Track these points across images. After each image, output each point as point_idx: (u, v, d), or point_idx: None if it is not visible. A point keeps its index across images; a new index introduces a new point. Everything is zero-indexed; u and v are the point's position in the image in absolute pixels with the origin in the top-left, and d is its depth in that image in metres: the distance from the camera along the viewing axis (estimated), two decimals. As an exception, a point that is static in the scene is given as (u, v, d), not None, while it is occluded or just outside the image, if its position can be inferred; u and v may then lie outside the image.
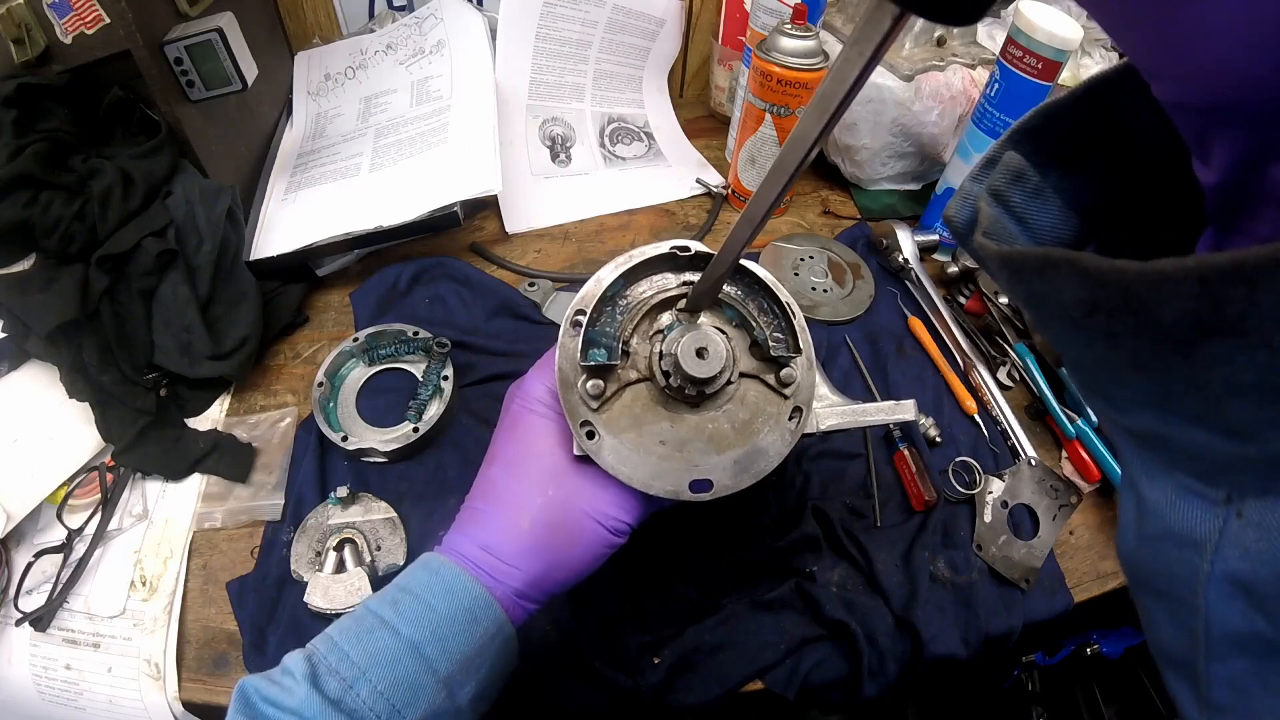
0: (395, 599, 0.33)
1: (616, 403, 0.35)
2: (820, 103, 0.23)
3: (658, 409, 0.35)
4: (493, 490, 0.37)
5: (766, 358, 0.36)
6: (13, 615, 0.47)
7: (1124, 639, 0.70)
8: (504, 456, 0.37)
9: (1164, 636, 0.21)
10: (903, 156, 0.79)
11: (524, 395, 0.38)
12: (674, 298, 0.36)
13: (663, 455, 0.34)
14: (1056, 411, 0.59)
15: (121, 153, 0.58)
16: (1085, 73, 0.77)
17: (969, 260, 0.68)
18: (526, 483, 0.36)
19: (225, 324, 0.58)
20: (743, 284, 0.37)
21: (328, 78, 0.83)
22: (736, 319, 0.37)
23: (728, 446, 0.35)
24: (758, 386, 0.36)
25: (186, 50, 0.58)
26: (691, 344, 0.34)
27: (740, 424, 0.36)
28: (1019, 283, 0.19)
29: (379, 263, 0.70)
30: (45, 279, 0.53)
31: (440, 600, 0.32)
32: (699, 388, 0.34)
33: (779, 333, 0.36)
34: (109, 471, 0.53)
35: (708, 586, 0.51)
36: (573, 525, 0.35)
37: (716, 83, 0.91)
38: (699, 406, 0.36)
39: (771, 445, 0.35)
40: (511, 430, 0.38)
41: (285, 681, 0.30)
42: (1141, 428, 0.19)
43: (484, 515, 0.36)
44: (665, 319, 0.36)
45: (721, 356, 0.34)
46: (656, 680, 0.47)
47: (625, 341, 0.35)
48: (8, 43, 0.54)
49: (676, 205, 0.81)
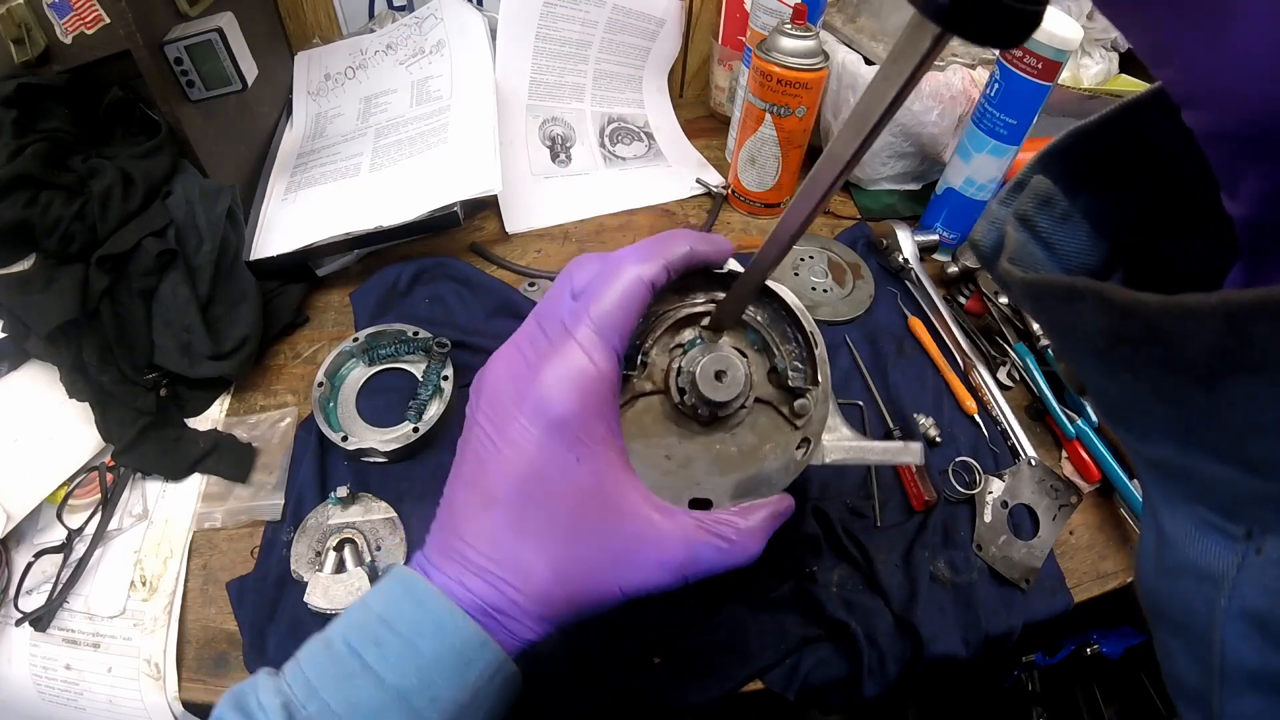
0: (378, 638, 0.28)
1: (628, 411, 0.35)
2: (856, 121, 0.22)
3: (667, 424, 0.35)
4: (493, 540, 0.30)
5: (783, 385, 0.36)
6: (13, 615, 0.47)
7: (1124, 639, 0.70)
8: (509, 496, 0.29)
9: (1179, 669, 0.20)
10: (903, 156, 0.79)
11: (541, 411, 0.29)
12: (699, 314, 0.36)
13: (666, 470, 0.34)
14: (1056, 411, 0.59)
15: (121, 153, 0.58)
16: (1085, 73, 0.77)
17: (969, 260, 0.68)
18: (541, 537, 0.29)
19: (225, 324, 0.58)
20: (769, 308, 0.37)
21: (328, 78, 0.83)
22: (759, 343, 0.36)
23: (732, 469, 0.35)
24: (770, 413, 0.36)
25: (186, 50, 0.58)
26: (711, 366, 0.33)
27: (747, 449, 0.36)
28: (1043, 311, 0.19)
29: (379, 263, 0.70)
30: (45, 279, 0.53)
31: (429, 643, 0.28)
32: (712, 410, 0.34)
33: (799, 362, 0.36)
34: (109, 471, 0.53)
35: (708, 586, 0.51)
36: (593, 596, 0.30)
37: (716, 83, 0.91)
38: (709, 426, 0.35)
39: (775, 474, 0.35)
40: (515, 455, 0.29)
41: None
42: (1163, 458, 0.18)
43: (482, 573, 0.29)
44: (687, 334, 0.36)
45: (739, 382, 0.33)
46: (656, 680, 0.47)
47: (645, 352, 0.35)
48: (8, 43, 0.54)
49: (676, 205, 0.81)
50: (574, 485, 0.29)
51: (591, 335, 0.29)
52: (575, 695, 0.47)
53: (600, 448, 0.29)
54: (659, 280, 0.30)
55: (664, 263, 0.30)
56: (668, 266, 0.30)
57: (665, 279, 0.30)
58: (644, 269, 0.29)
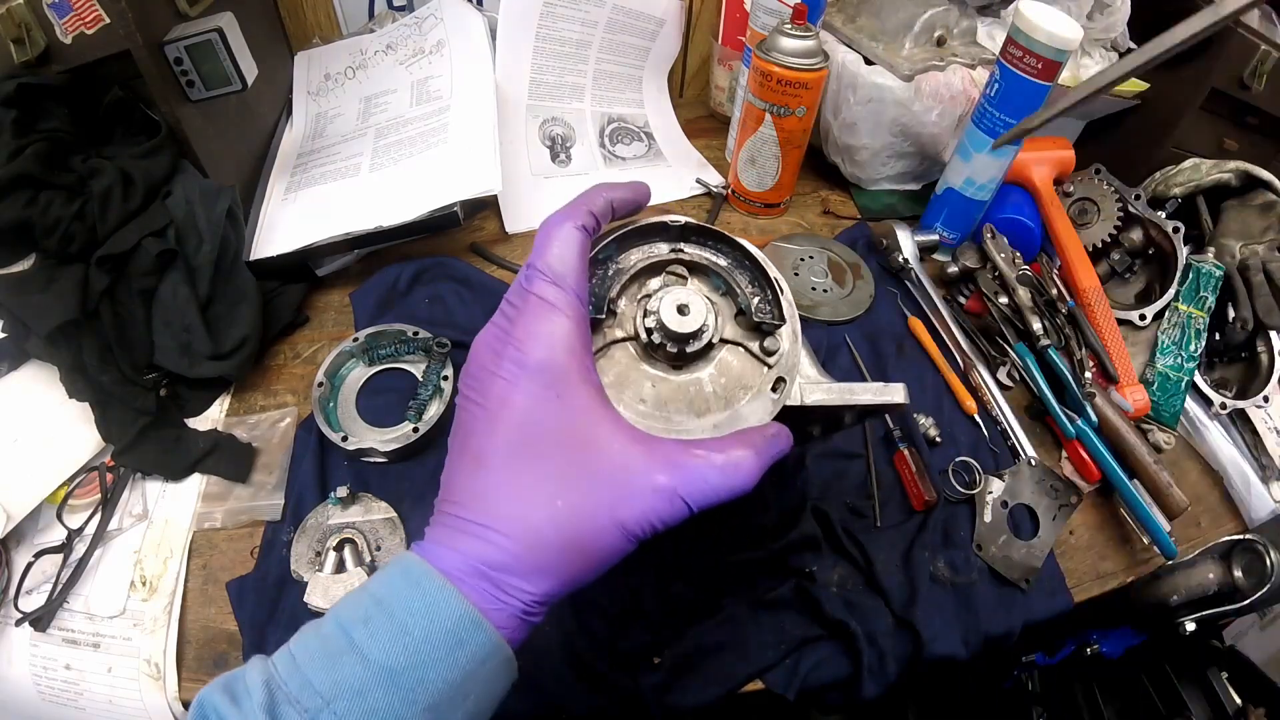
0: (368, 615, 0.28)
1: (601, 359, 0.35)
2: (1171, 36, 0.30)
3: (640, 367, 0.36)
4: (485, 498, 0.30)
5: (752, 327, 0.36)
6: (13, 615, 0.47)
7: (1124, 639, 0.70)
8: (495, 450, 0.30)
9: None
10: (903, 156, 0.79)
11: (517, 362, 0.30)
12: (663, 262, 0.37)
13: (642, 414, 0.35)
14: (1056, 411, 0.59)
15: (121, 153, 0.58)
16: (1085, 73, 0.77)
17: (969, 260, 0.68)
18: (533, 487, 0.29)
19: (225, 324, 0.58)
20: (731, 256, 0.37)
21: (328, 78, 0.83)
22: (723, 287, 0.37)
23: (707, 410, 0.35)
24: (742, 355, 0.37)
25: (186, 50, 0.58)
26: (673, 300, 0.34)
27: (722, 389, 0.36)
28: None
29: (379, 263, 0.70)
30: (45, 279, 0.53)
31: (419, 622, 0.27)
32: (680, 345, 0.35)
33: (765, 303, 0.37)
34: (109, 471, 0.53)
35: (708, 586, 0.51)
36: (593, 538, 0.30)
37: (716, 83, 0.91)
38: (681, 368, 0.36)
39: (753, 413, 0.35)
40: (501, 409, 0.30)
41: (244, 705, 0.26)
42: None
43: (477, 530, 0.30)
44: (654, 283, 0.37)
45: (702, 313, 0.34)
46: (656, 680, 0.47)
47: (613, 301, 0.36)
48: (8, 43, 0.54)
49: (676, 205, 0.81)
50: (556, 426, 0.30)
51: (544, 285, 0.31)
52: (575, 695, 0.47)
53: (577, 386, 0.30)
54: (588, 224, 0.33)
55: (587, 209, 0.33)
56: (592, 212, 0.33)
57: (595, 224, 0.34)
58: (570, 219, 0.32)
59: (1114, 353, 0.63)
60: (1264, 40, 0.70)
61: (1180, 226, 0.69)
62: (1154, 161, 0.78)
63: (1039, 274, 0.66)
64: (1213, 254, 0.70)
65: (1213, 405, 0.66)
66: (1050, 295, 0.64)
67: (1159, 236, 0.70)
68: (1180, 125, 0.76)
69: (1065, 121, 0.84)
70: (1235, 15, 0.33)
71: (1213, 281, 0.67)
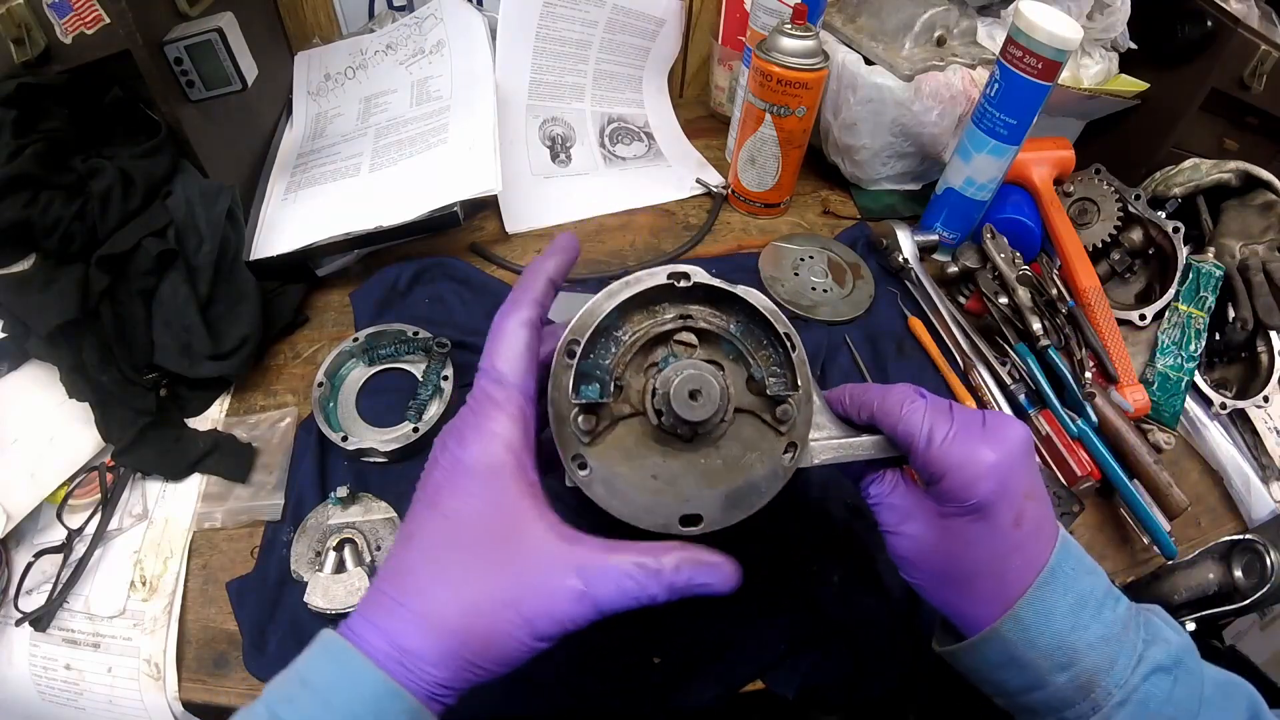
0: (292, 694, 0.29)
1: (609, 436, 0.35)
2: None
3: (650, 444, 0.35)
4: (406, 576, 0.31)
5: (763, 393, 0.35)
6: (13, 615, 0.47)
7: (1124, 639, 0.70)
8: (423, 534, 0.31)
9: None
10: (903, 156, 0.79)
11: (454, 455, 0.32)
12: (668, 332, 0.35)
13: (654, 490, 0.34)
14: (1057, 411, 0.59)
15: (121, 153, 0.58)
16: (1085, 73, 0.77)
17: (969, 260, 0.68)
18: (448, 574, 0.30)
19: (225, 324, 0.58)
20: (740, 315, 0.36)
21: (328, 78, 0.83)
22: (733, 352, 0.36)
23: (719, 482, 0.35)
24: (754, 422, 0.36)
25: (186, 50, 0.58)
26: (685, 387, 0.33)
27: (733, 460, 0.35)
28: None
29: (379, 263, 0.70)
30: (45, 279, 0.53)
31: (340, 696, 0.28)
32: (692, 428, 0.34)
33: (777, 367, 0.36)
34: (109, 471, 0.53)
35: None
36: (497, 632, 0.30)
37: (716, 83, 0.91)
38: (692, 442, 0.35)
39: (764, 481, 0.35)
40: (435, 497, 0.32)
41: None
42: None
43: (396, 608, 0.30)
44: (659, 353, 0.36)
45: (715, 399, 0.33)
46: (656, 680, 0.47)
47: (618, 377, 0.35)
48: (8, 43, 0.54)
49: (676, 205, 0.81)
50: (481, 520, 0.31)
51: (488, 383, 0.32)
52: (576, 695, 0.47)
53: (508, 482, 0.31)
54: (533, 315, 0.34)
55: (530, 299, 0.34)
56: (536, 300, 0.34)
57: (539, 312, 0.34)
58: (515, 314, 0.33)
59: (1114, 353, 0.63)
60: (1264, 40, 0.70)
61: (1180, 226, 0.69)
62: (1154, 161, 0.78)
63: (1039, 274, 0.66)
64: (1213, 254, 0.70)
65: (1213, 405, 0.66)
66: (1050, 295, 0.64)
67: (1159, 236, 0.70)
68: (1180, 125, 0.76)
69: (1065, 121, 0.84)
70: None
71: (1213, 281, 0.67)
